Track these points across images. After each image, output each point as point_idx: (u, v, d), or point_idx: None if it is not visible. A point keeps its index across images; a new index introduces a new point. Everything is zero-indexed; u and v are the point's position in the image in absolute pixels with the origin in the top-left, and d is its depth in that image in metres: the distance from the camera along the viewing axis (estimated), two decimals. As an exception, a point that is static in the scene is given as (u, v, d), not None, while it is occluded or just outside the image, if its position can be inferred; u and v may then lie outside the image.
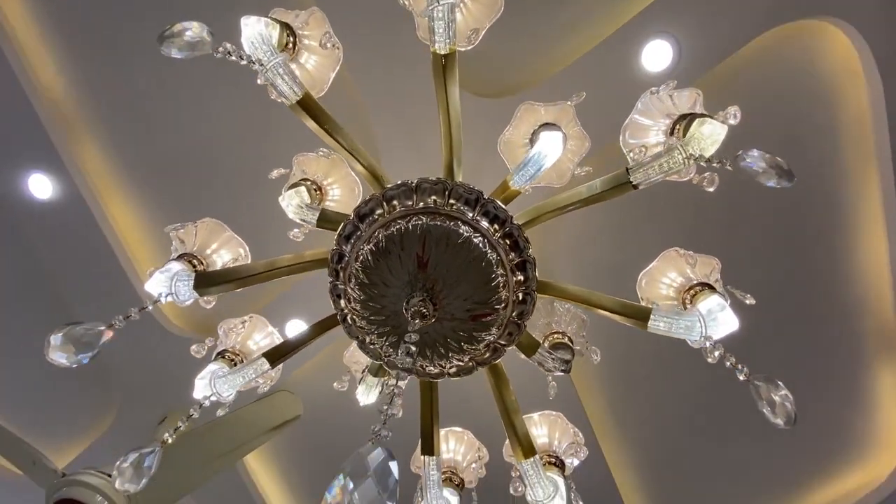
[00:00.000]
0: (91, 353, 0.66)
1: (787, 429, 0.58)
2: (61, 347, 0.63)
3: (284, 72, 0.74)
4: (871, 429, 2.22)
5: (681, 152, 0.71)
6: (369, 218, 0.76)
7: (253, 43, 0.75)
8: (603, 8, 1.67)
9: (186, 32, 0.67)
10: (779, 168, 0.60)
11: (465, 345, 0.77)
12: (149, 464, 0.83)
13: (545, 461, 1.07)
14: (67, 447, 2.52)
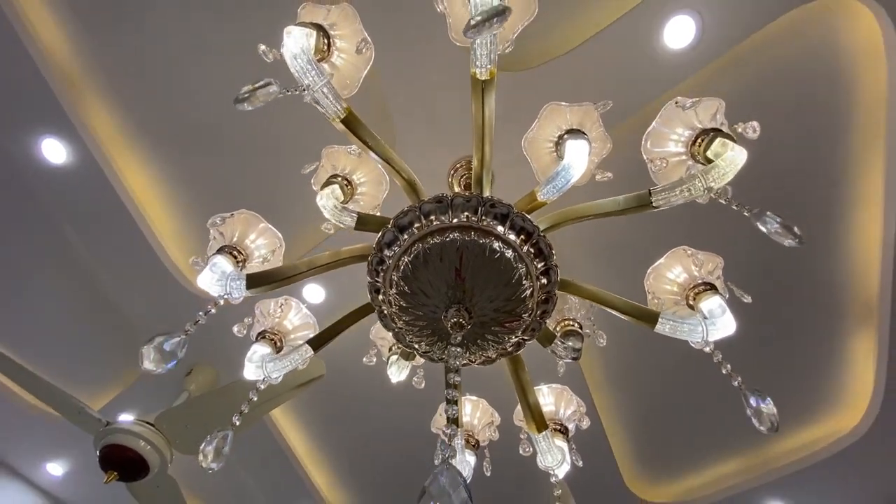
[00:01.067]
0: (175, 360, 0.75)
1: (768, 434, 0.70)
2: (153, 359, 0.72)
3: (329, 92, 0.77)
4: (843, 386, 2.43)
5: (702, 181, 0.76)
6: (408, 230, 0.83)
7: (296, 58, 0.77)
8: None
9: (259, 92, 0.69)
10: (791, 233, 0.66)
11: (494, 343, 0.87)
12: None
13: (552, 427, 1.22)
14: (101, 393, 2.73)
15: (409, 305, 0.84)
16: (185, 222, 2.27)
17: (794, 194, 2.02)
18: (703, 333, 0.86)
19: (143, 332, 2.42)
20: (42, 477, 3.01)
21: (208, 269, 0.97)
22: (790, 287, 2.22)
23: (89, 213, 2.12)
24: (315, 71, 0.76)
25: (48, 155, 1.98)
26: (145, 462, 1.89)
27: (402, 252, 0.83)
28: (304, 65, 0.76)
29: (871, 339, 2.25)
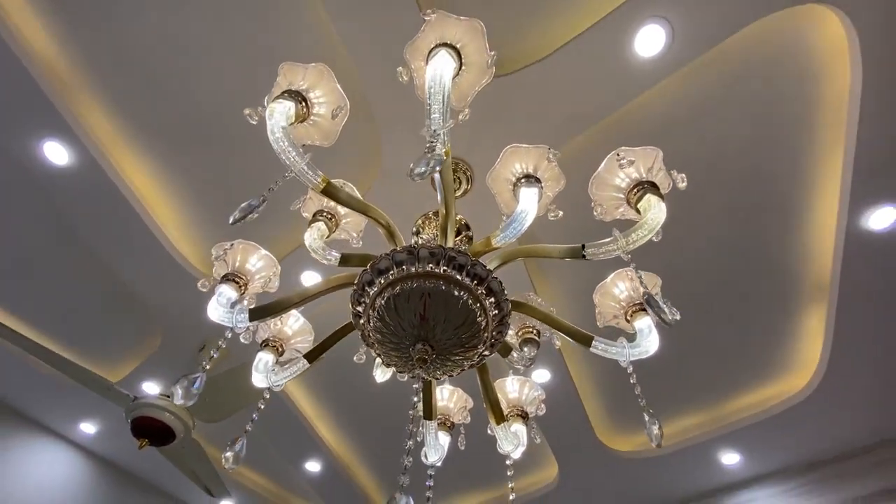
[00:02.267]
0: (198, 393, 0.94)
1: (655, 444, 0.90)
2: (183, 396, 0.91)
3: (308, 169, 0.90)
4: (794, 354, 2.68)
5: (622, 244, 0.91)
6: (383, 275, 0.99)
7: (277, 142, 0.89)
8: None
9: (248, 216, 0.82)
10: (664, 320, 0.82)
11: (458, 364, 1.06)
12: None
13: (515, 413, 1.44)
14: (120, 367, 3.00)
15: (383, 335, 1.02)
16: (184, 211, 2.41)
17: (759, 186, 2.14)
18: (627, 356, 1.05)
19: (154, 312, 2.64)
20: (77, 434, 3.36)
21: (215, 298, 1.15)
22: (755, 269, 2.40)
23: (95, 208, 2.25)
24: (294, 152, 0.89)
25: (51, 157, 2.08)
26: (171, 430, 2.17)
27: (377, 293, 1.00)
28: (286, 147, 0.88)
29: (822, 315, 2.47)
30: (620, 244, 0.94)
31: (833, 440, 2.87)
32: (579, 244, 0.98)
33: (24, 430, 3.22)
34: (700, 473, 3.14)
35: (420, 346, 0.96)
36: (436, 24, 0.95)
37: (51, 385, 2.97)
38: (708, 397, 2.94)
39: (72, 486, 3.29)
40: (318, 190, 0.94)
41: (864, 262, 2.15)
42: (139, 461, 3.49)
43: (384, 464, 3.52)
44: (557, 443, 3.09)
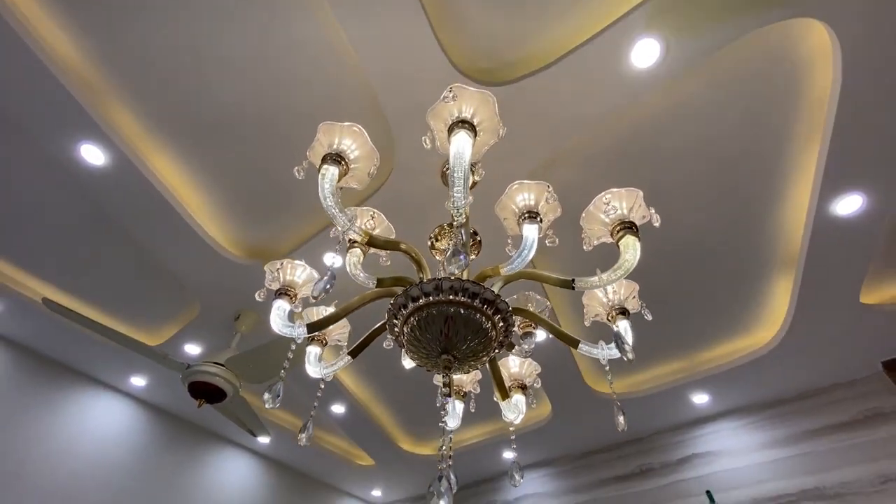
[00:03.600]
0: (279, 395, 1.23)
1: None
2: (269, 399, 1.21)
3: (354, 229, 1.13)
4: (764, 313, 3.02)
5: (603, 280, 1.16)
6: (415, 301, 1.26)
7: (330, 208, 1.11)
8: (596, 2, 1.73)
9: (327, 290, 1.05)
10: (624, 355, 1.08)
11: (474, 363, 1.36)
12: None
13: (516, 385, 1.78)
14: (165, 330, 3.36)
15: (414, 345, 1.30)
16: (211, 199, 2.61)
17: (744, 171, 2.34)
18: (604, 356, 1.34)
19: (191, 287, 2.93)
20: (128, 387, 3.81)
21: (274, 310, 1.42)
22: (735, 240, 2.65)
23: (132, 201, 2.45)
24: (343, 217, 1.11)
25: (88, 158, 2.25)
26: (222, 391, 2.55)
27: (409, 314, 1.27)
28: (336, 213, 1.10)
29: (789, 283, 2.77)
30: (602, 280, 1.19)
31: (790, 384, 3.30)
32: (570, 278, 1.23)
33: (84, 385, 3.66)
34: (673, 410, 3.63)
35: (445, 357, 1.24)
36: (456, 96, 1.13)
37: (104, 348, 3.35)
38: (685, 348, 3.33)
39: (127, 430, 3.79)
40: (362, 242, 1.17)
41: (828, 242, 2.41)
42: (184, 406, 3.98)
43: (399, 406, 4.02)
44: (551, 387, 3.54)
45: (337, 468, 4.70)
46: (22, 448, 3.18)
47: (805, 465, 3.09)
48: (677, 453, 3.67)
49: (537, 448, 4.19)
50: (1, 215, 2.65)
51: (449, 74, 1.92)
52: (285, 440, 4.33)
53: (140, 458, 3.75)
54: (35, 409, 3.34)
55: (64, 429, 3.43)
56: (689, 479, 3.50)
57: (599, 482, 3.93)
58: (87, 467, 3.43)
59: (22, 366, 3.38)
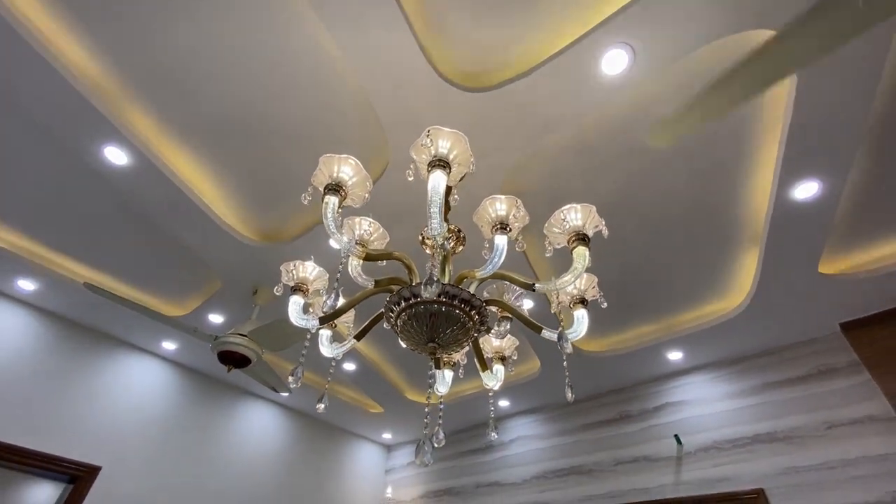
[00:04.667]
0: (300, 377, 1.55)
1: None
2: (294, 380, 1.53)
3: (353, 249, 1.40)
4: (732, 281, 3.30)
5: (557, 285, 1.44)
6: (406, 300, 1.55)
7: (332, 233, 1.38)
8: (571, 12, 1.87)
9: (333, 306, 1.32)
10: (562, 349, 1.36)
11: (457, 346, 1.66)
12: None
13: (497, 357, 2.11)
14: (189, 302, 3.72)
15: (406, 334, 1.61)
16: (227, 191, 2.86)
17: (712, 157, 2.52)
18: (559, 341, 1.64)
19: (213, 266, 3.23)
20: (160, 350, 4.25)
21: (291, 304, 1.71)
22: (706, 217, 2.88)
23: (156, 197, 2.70)
24: (346, 239, 1.37)
25: (112, 159, 2.48)
26: (247, 358, 2.94)
27: (401, 310, 1.56)
28: (340, 238, 1.37)
29: (754, 256, 3.02)
30: (556, 284, 1.46)
31: (755, 343, 3.64)
32: (532, 282, 1.51)
33: (121, 350, 4.10)
34: (650, 366, 4.02)
35: (430, 344, 1.55)
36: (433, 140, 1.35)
37: (139, 318, 3.74)
38: (663, 312, 3.65)
39: (162, 388, 4.27)
40: (360, 258, 1.44)
41: (788, 222, 2.63)
42: (213, 367, 4.44)
43: (403, 362, 4.45)
44: (539, 346, 3.92)
45: (351, 415, 5.25)
46: (66, 408, 3.66)
47: (761, 412, 3.49)
48: (652, 402, 4.10)
49: (528, 398, 4.66)
50: (42, 207, 2.93)
51: (434, 80, 2.08)
52: (304, 393, 4.84)
53: (175, 412, 4.26)
54: (78, 374, 3.79)
55: (106, 390, 3.89)
56: (662, 424, 3.95)
57: (583, 426, 4.42)
58: (129, 422, 3.94)
59: (64, 336, 3.80)
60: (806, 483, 3.09)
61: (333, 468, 5.30)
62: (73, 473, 3.57)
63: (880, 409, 3.05)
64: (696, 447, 3.66)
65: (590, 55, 1.93)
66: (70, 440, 3.57)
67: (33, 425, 3.44)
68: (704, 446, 3.62)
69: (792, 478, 3.15)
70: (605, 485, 3.98)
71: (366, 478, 5.60)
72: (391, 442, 5.98)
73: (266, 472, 4.69)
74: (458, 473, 5.08)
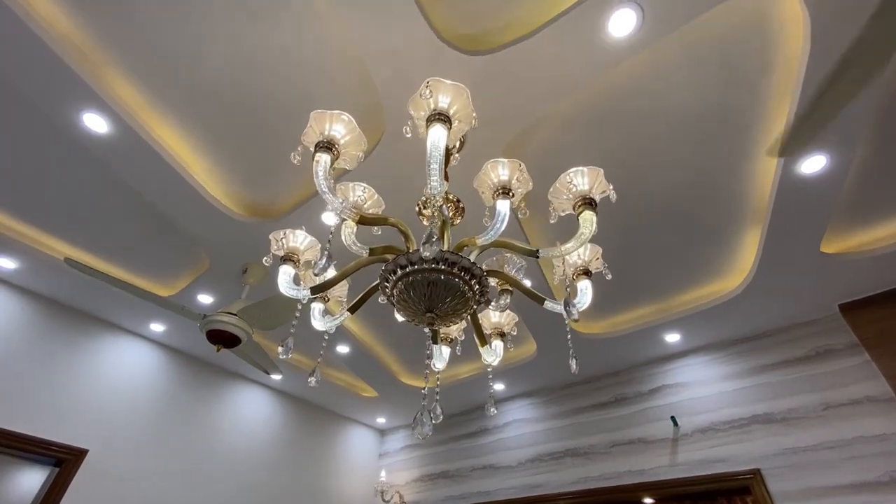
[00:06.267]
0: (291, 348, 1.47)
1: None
2: (282, 352, 1.44)
3: (346, 209, 1.30)
4: (733, 262, 3.25)
5: (562, 251, 1.36)
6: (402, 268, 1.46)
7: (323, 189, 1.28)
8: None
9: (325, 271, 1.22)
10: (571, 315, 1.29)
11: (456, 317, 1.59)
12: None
13: (495, 332, 2.04)
14: (178, 282, 3.61)
15: (403, 304, 1.53)
16: (212, 162, 2.74)
17: (717, 131, 2.44)
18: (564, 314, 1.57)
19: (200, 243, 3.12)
20: (148, 332, 4.15)
21: (281, 274, 1.62)
22: (708, 194, 2.81)
23: (138, 167, 2.57)
24: (337, 201, 1.28)
25: (92, 126, 2.35)
26: (237, 337, 2.84)
27: (398, 279, 1.48)
28: (331, 198, 1.27)
29: (756, 235, 2.97)
30: (561, 250, 1.39)
31: (753, 324, 3.61)
32: (535, 248, 1.43)
33: (107, 332, 3.98)
34: (648, 348, 3.99)
35: (428, 315, 1.47)
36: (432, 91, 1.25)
37: (124, 298, 3.63)
38: (660, 293, 3.60)
39: (149, 371, 4.17)
40: (354, 221, 1.35)
41: (793, 198, 2.57)
42: (202, 349, 4.35)
43: (397, 345, 4.38)
44: (536, 328, 3.87)
45: (344, 399, 5.20)
46: (52, 390, 3.56)
47: (758, 394, 3.48)
48: (649, 384, 4.08)
49: (524, 381, 4.63)
50: (21, 181, 2.79)
51: (433, 43, 1.98)
52: (296, 376, 4.77)
53: (163, 396, 4.17)
54: (65, 356, 3.68)
55: (92, 372, 3.79)
56: (658, 406, 3.93)
57: (579, 409, 4.40)
58: (116, 405, 3.84)
59: (48, 317, 3.68)
60: (802, 463, 3.08)
61: (326, 453, 5.26)
62: (59, 456, 3.48)
63: (878, 390, 3.04)
64: (692, 429, 3.65)
65: (597, 15, 1.83)
66: (55, 423, 3.48)
67: (17, 408, 3.34)
68: (701, 428, 3.60)
69: (789, 458, 3.15)
70: (600, 467, 3.97)
71: (359, 462, 5.57)
72: (385, 426, 5.95)
73: (257, 456, 4.63)
74: (452, 457, 5.06)
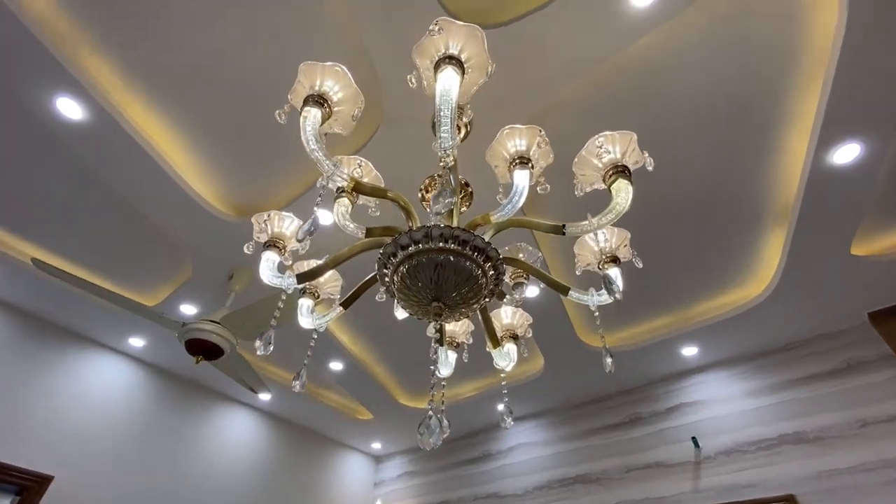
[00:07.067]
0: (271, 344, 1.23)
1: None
2: (263, 346, 1.21)
3: (339, 173, 1.10)
4: (754, 267, 3.05)
5: (594, 224, 1.15)
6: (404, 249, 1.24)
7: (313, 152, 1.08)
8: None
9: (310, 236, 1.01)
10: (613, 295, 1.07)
11: (465, 311, 1.36)
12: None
13: (508, 335, 1.80)
14: (160, 292, 3.36)
15: (405, 294, 1.30)
16: (197, 155, 2.54)
17: (739, 119, 2.28)
18: (594, 303, 1.35)
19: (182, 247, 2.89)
20: (127, 347, 3.86)
21: (263, 261, 1.40)
22: (728, 194, 2.63)
23: (115, 158, 2.37)
24: (327, 161, 1.08)
25: (65, 112, 2.16)
26: (219, 348, 2.58)
27: (399, 262, 1.26)
28: (320, 157, 1.07)
29: (781, 236, 2.78)
30: (593, 224, 1.18)
31: (777, 336, 3.38)
32: (561, 223, 1.22)
33: (82, 347, 3.70)
34: (663, 362, 3.74)
35: (435, 304, 1.24)
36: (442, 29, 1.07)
37: (104, 312, 3.37)
38: (676, 302, 3.37)
39: (128, 390, 3.86)
40: (348, 189, 1.14)
41: (823, 192, 2.39)
42: (184, 366, 4.05)
43: (394, 360, 4.10)
44: (544, 342, 3.61)
45: (337, 422, 4.86)
46: (21, 411, 3.25)
47: (786, 411, 3.21)
48: (665, 403, 3.80)
49: (530, 401, 4.33)
50: (-20, 174, 2.58)
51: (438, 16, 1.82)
52: (286, 397, 4.45)
53: (142, 417, 3.85)
54: (32, 372, 3.38)
55: (63, 390, 3.49)
56: (676, 426, 3.65)
57: (590, 431, 4.09)
58: (86, 428, 3.52)
59: (17, 328, 3.40)
60: (841, 487, 2.80)
61: (317, 480, 4.89)
62: (21, 484, 3.14)
63: (920, 405, 2.79)
64: (715, 450, 3.36)
65: (616, -18, 1.67)
66: (18, 447, 3.15)
67: (-26, 429, 3.03)
68: (725, 449, 3.32)
69: (825, 482, 2.86)
70: (614, 494, 3.65)
71: (352, 491, 5.18)
72: (381, 452, 5.58)
73: (244, 483, 4.27)
74: (453, 485, 4.70)
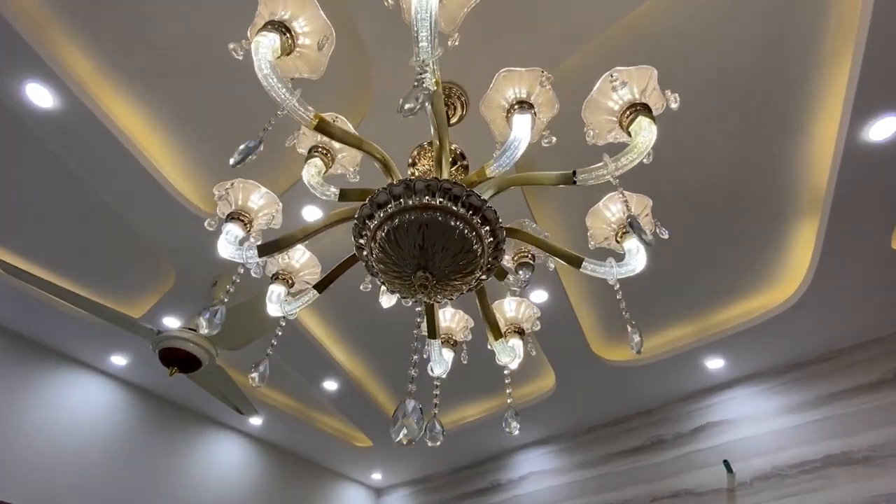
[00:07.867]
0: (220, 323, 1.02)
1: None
2: (207, 326, 0.99)
3: (299, 106, 0.91)
4: (782, 268, 2.79)
5: (611, 169, 0.94)
6: (382, 208, 1.04)
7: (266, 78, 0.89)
8: None
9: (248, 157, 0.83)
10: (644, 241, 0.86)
11: (458, 285, 1.14)
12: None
13: (512, 330, 1.56)
14: (142, 303, 3.16)
15: (385, 265, 1.09)
16: (178, 149, 2.39)
17: (762, 99, 2.09)
18: (614, 275, 1.12)
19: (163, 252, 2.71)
20: (109, 366, 3.62)
21: (223, 236, 1.20)
22: (753, 185, 2.41)
23: (88, 151, 2.23)
24: (284, 89, 0.89)
25: (35, 99, 2.03)
26: (196, 359, 2.35)
27: (377, 226, 1.05)
28: (275, 84, 0.88)
29: (812, 230, 2.54)
30: (610, 169, 0.97)
31: (812, 344, 3.08)
32: (570, 171, 1.01)
33: (62, 365, 3.47)
34: (686, 378, 3.42)
35: (420, 274, 1.02)
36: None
37: (82, 325, 3.16)
38: (697, 309, 3.10)
39: (108, 412, 3.60)
40: (310, 127, 0.95)
41: (860, 173, 2.16)
42: (169, 386, 3.80)
43: (395, 380, 3.82)
44: (554, 356, 3.33)
45: (334, 450, 4.52)
46: (-6, 430, 3.00)
47: (829, 429, 2.87)
48: (691, 423, 3.46)
49: (540, 424, 3.99)
50: (-49, 174, 2.44)
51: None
52: (278, 421, 4.15)
53: (123, 442, 3.57)
54: (4, 391, 3.15)
55: (39, 412, 3.24)
56: (705, 448, 3.30)
57: (608, 456, 3.73)
58: (59, 454, 3.25)
59: (-7, 345, 3.20)
60: (902, 517, 2.43)
61: (313, 515, 4.51)
62: (-20, 518, 2.86)
63: None
64: (751, 475, 3.00)
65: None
66: (-17, 476, 2.89)
67: (-67, 455, 2.78)
68: (763, 474, 2.96)
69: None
70: (639, 528, 3.27)
71: (351, 527, 4.77)
72: (382, 484, 5.18)
73: (230, 518, 3.92)
74: (459, 519, 4.30)
